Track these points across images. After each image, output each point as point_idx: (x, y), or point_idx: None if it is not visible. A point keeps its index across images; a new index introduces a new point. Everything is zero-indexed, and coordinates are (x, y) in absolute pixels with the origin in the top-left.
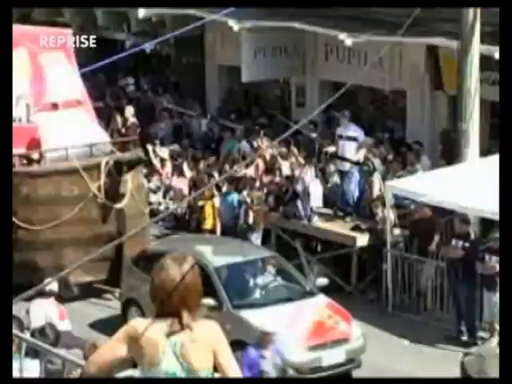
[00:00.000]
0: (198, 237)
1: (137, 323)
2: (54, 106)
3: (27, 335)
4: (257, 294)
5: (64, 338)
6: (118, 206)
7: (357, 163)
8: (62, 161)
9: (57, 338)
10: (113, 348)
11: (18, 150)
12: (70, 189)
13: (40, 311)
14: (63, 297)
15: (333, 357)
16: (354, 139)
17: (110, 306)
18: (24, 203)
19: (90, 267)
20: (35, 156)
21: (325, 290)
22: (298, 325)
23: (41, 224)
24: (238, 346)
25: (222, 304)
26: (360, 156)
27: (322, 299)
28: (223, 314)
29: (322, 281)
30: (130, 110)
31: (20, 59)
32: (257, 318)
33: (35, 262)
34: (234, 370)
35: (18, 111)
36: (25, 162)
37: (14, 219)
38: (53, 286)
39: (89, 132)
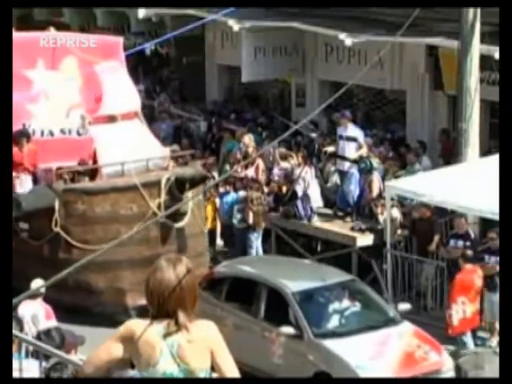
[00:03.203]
0: (270, 258)
1: (134, 324)
2: (111, 119)
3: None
4: (338, 322)
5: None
6: (179, 225)
7: (354, 161)
8: (118, 176)
9: (62, 341)
10: (110, 349)
11: (70, 163)
12: (129, 207)
13: (27, 312)
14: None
15: None
16: (354, 140)
17: None
18: (79, 222)
19: None
20: (84, 170)
21: None
22: (385, 356)
23: (97, 244)
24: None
25: (302, 332)
26: (358, 154)
27: (408, 327)
28: (304, 343)
29: (405, 306)
30: None
31: (69, 68)
32: (341, 348)
33: (90, 284)
34: (231, 370)
35: (68, 122)
36: (79, 176)
37: (68, 238)
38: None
39: (146, 145)
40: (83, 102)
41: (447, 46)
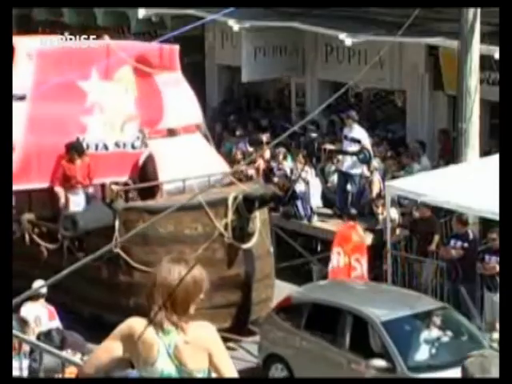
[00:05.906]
0: (346, 283)
1: (133, 323)
2: (171, 132)
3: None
4: (432, 354)
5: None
6: (246, 246)
7: (353, 153)
8: (179, 193)
9: (62, 342)
10: (109, 348)
11: (124, 179)
12: (193, 227)
13: (30, 313)
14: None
15: None
16: (358, 141)
17: (234, 357)
18: (141, 242)
19: (214, 314)
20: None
21: None
22: None
23: None
24: None
25: (395, 365)
26: (358, 148)
27: None
28: (397, 376)
29: (497, 335)
30: None
31: (124, 79)
32: None
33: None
34: (229, 371)
35: (123, 136)
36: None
37: (129, 260)
38: (42, 288)
39: (207, 160)
40: (139, 113)
41: (447, 46)
